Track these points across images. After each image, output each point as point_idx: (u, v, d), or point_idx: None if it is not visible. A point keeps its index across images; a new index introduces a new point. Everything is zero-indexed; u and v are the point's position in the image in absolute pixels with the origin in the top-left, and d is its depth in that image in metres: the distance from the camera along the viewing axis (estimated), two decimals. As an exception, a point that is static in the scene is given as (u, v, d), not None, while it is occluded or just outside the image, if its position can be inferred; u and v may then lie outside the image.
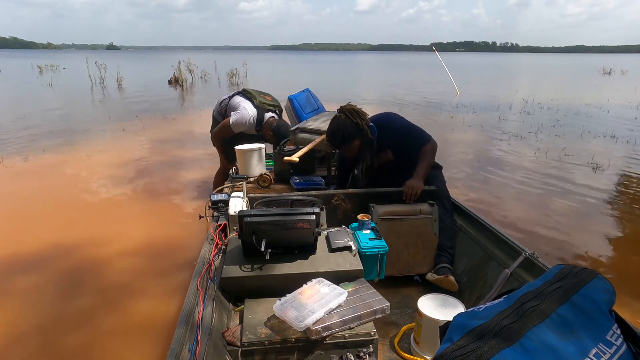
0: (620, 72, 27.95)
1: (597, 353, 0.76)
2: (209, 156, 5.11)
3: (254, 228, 1.56)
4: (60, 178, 4.58)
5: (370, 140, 2.22)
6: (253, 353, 1.33)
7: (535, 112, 9.69)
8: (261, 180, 2.43)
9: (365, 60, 68.57)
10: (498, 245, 1.96)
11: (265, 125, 3.00)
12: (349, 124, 2.15)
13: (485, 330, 0.77)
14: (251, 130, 3.04)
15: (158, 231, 3.22)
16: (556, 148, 6.01)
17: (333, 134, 2.19)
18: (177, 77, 17.07)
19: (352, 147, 2.21)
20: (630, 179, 4.66)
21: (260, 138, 3.03)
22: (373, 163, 2.29)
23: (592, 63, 49.26)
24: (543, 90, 15.58)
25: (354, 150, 2.23)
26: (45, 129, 7.19)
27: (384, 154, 2.33)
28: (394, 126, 2.31)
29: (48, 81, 17.24)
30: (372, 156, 2.27)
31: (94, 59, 18.78)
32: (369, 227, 1.94)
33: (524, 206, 3.86)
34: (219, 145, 3.19)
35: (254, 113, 2.99)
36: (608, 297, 0.85)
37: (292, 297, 1.42)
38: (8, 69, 27.12)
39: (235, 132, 3.00)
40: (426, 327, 1.58)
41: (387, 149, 2.32)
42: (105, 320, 2.17)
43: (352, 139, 2.17)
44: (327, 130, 2.23)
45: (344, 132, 2.15)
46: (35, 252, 2.85)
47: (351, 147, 2.21)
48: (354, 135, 2.17)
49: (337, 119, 2.19)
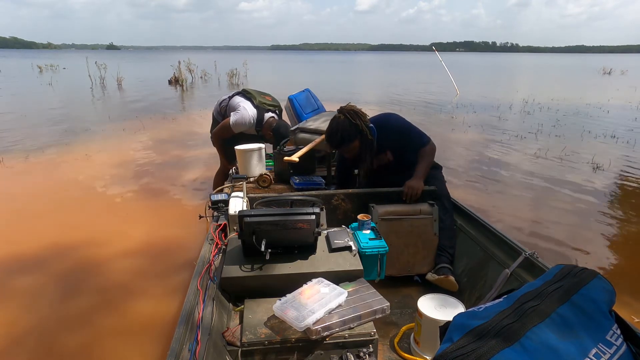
0: (620, 72, 27.95)
1: (597, 353, 0.76)
2: (208, 156, 5.11)
3: (254, 228, 1.56)
4: (60, 178, 4.58)
5: (369, 142, 2.21)
6: (253, 353, 1.33)
7: (535, 112, 9.69)
8: (261, 180, 2.43)
9: (365, 60, 68.57)
10: (498, 245, 1.97)
11: (265, 125, 3.00)
12: (348, 124, 2.15)
13: (485, 330, 0.77)
14: (251, 131, 3.04)
15: (158, 231, 3.22)
16: (556, 148, 6.01)
17: (332, 135, 2.19)
18: (177, 77, 17.07)
19: (352, 148, 2.21)
20: (630, 179, 4.66)
21: (260, 138, 3.03)
22: (373, 164, 2.30)
23: (592, 63, 49.27)
24: (543, 90, 15.58)
25: (354, 151, 2.23)
26: (46, 129, 7.19)
27: (383, 155, 2.34)
28: (394, 127, 2.31)
29: (48, 81, 17.25)
30: (371, 157, 2.27)
31: (94, 59, 18.80)
32: (369, 227, 1.94)
33: (524, 206, 3.86)
34: (219, 145, 3.19)
35: (253, 113, 2.98)
36: (608, 297, 0.85)
37: (292, 297, 1.42)
38: (8, 69, 27.12)
39: (235, 132, 3.00)
40: (426, 327, 1.58)
41: (387, 150, 2.32)
42: (105, 320, 2.17)
43: (351, 140, 2.17)
44: (326, 131, 2.23)
45: (342, 133, 2.15)
46: (35, 252, 2.85)
47: (350, 147, 2.20)
48: (353, 136, 2.16)
49: (337, 119, 2.18)
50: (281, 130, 2.91)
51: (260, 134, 3.05)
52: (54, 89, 14.86)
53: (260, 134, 3.05)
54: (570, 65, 44.61)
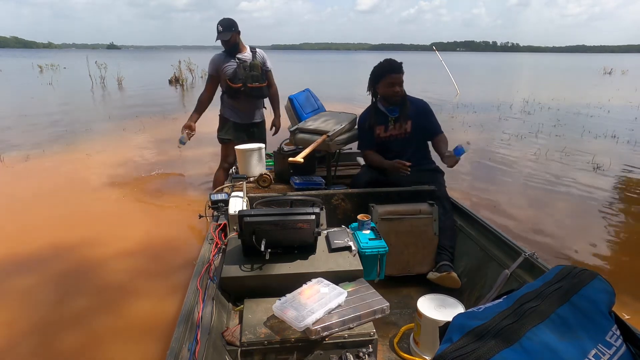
0: (621, 72, 27.93)
1: (596, 354, 0.76)
2: (209, 156, 5.11)
3: (254, 228, 1.56)
4: (60, 177, 4.58)
5: (404, 95, 2.47)
6: (252, 353, 1.33)
7: (535, 112, 9.69)
8: (261, 180, 2.43)
9: (366, 59, 68.53)
10: (498, 246, 1.96)
11: (231, 39, 3.05)
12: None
13: (485, 330, 0.77)
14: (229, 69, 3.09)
15: (158, 231, 3.22)
16: (556, 148, 6.01)
17: (394, 61, 2.42)
18: (177, 77, 17.07)
19: (403, 83, 2.44)
20: (631, 179, 4.66)
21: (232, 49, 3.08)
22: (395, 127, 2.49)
23: (592, 63, 49.23)
24: (544, 90, 15.57)
25: (403, 88, 2.44)
26: (46, 129, 7.19)
27: (404, 124, 2.47)
28: (423, 104, 2.55)
29: (48, 80, 17.23)
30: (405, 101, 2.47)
31: (95, 59, 18.79)
32: (369, 227, 1.94)
33: (523, 206, 3.85)
34: (206, 99, 3.26)
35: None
36: (608, 298, 0.85)
37: (292, 297, 1.42)
38: (9, 69, 27.12)
39: (211, 72, 3.15)
40: (426, 327, 1.58)
41: (409, 120, 2.46)
42: (104, 320, 2.17)
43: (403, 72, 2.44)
44: (383, 63, 2.44)
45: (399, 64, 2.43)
46: (35, 252, 2.85)
47: (403, 81, 2.44)
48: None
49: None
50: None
51: (232, 42, 3.08)
52: (55, 88, 14.85)
53: (232, 42, 3.07)
54: (570, 65, 44.57)
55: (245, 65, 3.09)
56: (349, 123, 2.63)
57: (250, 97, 3.20)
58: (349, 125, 2.61)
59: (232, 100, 3.24)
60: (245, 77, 3.09)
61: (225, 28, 3.02)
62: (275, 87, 3.41)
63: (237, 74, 3.07)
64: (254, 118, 3.37)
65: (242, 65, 3.09)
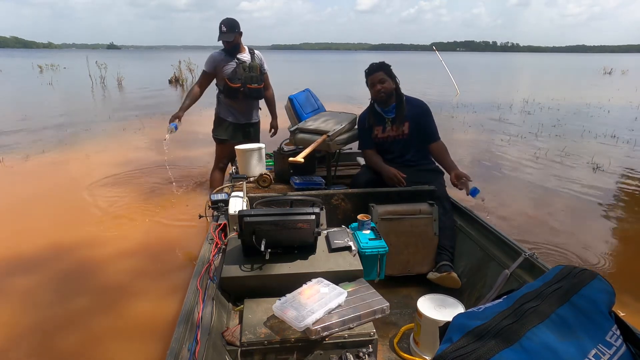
0: (621, 72, 27.92)
1: (596, 354, 0.76)
2: (209, 156, 5.10)
3: (254, 228, 1.56)
4: (60, 177, 4.58)
5: (400, 96, 2.44)
6: (252, 353, 1.33)
7: (535, 112, 9.68)
8: (261, 180, 2.43)
9: (366, 59, 68.47)
10: (498, 246, 1.96)
11: (233, 41, 3.06)
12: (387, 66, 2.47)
13: (485, 330, 0.77)
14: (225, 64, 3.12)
15: (158, 231, 3.22)
16: (556, 148, 6.00)
17: (373, 63, 2.45)
18: (177, 77, 17.06)
19: (383, 79, 2.39)
20: (631, 179, 4.65)
21: (233, 49, 3.12)
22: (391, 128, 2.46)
23: (592, 63, 49.21)
24: (543, 90, 15.56)
25: (386, 86, 2.39)
26: (46, 129, 7.19)
27: (402, 126, 2.45)
28: (422, 105, 2.52)
29: (48, 80, 17.22)
30: (402, 105, 2.44)
31: (95, 59, 18.78)
32: (369, 227, 1.94)
33: (523, 206, 3.85)
34: (197, 90, 3.30)
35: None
36: (608, 298, 0.85)
37: (292, 297, 1.42)
38: (8, 69, 27.10)
39: (208, 69, 3.18)
40: (426, 327, 1.58)
41: (407, 121, 2.44)
42: (104, 320, 2.17)
43: (390, 75, 2.42)
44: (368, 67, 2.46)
45: (383, 63, 2.44)
46: (35, 252, 2.85)
47: (382, 77, 2.39)
48: (392, 75, 2.44)
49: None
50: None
51: (234, 43, 3.09)
52: (55, 88, 14.85)
53: (234, 43, 3.09)
54: (570, 65, 44.57)
55: (245, 66, 3.09)
56: (349, 123, 2.63)
57: (248, 97, 3.20)
58: (349, 125, 2.61)
59: (229, 100, 3.24)
60: (245, 77, 3.09)
61: (229, 29, 3.03)
62: (271, 89, 3.43)
63: (236, 74, 3.08)
64: (251, 118, 3.38)
65: (241, 66, 3.09)
